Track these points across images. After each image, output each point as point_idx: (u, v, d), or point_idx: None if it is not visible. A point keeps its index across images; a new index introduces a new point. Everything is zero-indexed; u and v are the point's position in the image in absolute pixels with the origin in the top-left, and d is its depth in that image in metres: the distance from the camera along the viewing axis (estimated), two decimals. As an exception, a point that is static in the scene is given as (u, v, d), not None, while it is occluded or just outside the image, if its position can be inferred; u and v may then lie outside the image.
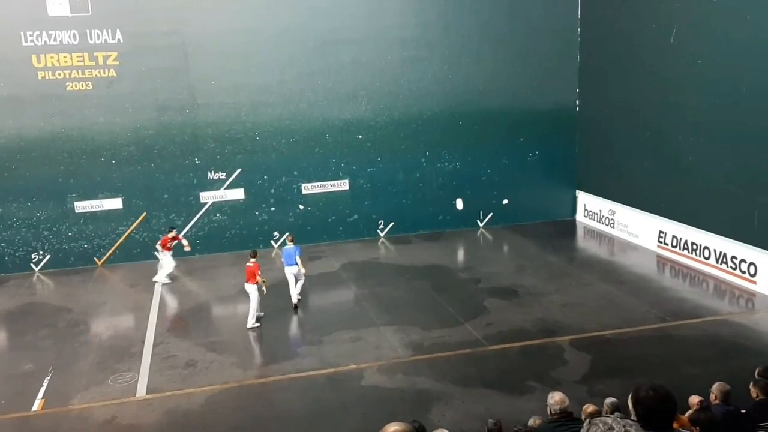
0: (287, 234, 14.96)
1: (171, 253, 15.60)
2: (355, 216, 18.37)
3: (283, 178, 17.85)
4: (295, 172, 17.91)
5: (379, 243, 18.38)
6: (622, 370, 10.47)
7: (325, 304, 14.34)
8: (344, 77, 17.72)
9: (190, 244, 16.09)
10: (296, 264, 13.51)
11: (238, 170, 17.53)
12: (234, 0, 16.80)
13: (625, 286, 14.37)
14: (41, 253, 16.72)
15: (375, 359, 11.31)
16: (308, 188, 18.06)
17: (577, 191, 19.67)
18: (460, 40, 18.25)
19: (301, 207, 18.05)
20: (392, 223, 18.74)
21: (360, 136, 18.10)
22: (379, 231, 18.72)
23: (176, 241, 15.73)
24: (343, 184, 18.22)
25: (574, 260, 16.68)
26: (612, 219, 18.27)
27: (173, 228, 16.12)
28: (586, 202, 19.40)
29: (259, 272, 12.75)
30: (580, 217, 19.69)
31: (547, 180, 19.47)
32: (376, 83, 17.92)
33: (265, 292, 12.91)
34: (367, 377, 10.74)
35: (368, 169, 18.31)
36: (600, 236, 18.39)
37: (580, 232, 19.01)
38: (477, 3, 18.13)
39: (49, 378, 11.00)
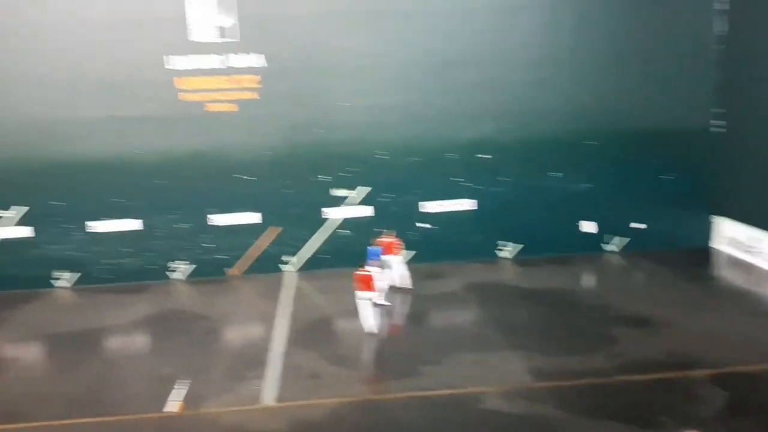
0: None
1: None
2: (478, 236, 18.27)
3: (408, 197, 18.10)
4: (418, 191, 18.11)
5: (503, 265, 18.17)
6: (762, 409, 9.74)
7: (445, 324, 14.37)
8: (469, 97, 17.76)
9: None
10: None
11: (365, 188, 17.98)
12: (364, 24, 17.32)
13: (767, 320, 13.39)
14: (183, 262, 17.88)
15: (496, 383, 11.19)
16: (431, 207, 18.20)
17: (714, 216, 18.54)
18: (588, 58, 17.80)
19: (425, 225, 18.20)
20: (517, 245, 18.49)
21: (484, 156, 18.05)
22: (502, 252, 18.52)
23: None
24: (466, 204, 18.22)
25: (710, 290, 15.71)
26: (754, 247, 17.06)
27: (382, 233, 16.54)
28: (725, 228, 18.22)
29: None
30: (717, 244, 18.51)
31: (681, 204, 18.49)
32: (501, 103, 17.82)
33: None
34: (487, 401, 10.64)
35: (492, 189, 18.20)
36: (740, 265, 17.21)
37: (717, 260, 17.88)
38: (606, 21, 17.62)
39: (184, 382, 11.71)
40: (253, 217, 17.85)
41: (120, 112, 17.07)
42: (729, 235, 18.07)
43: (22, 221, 17.32)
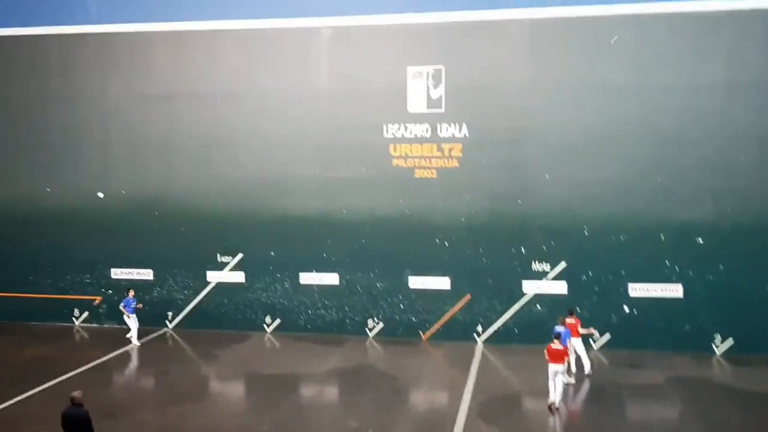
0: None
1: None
2: (687, 326, 16.78)
3: (609, 276, 17.20)
4: (623, 272, 17.14)
5: (714, 360, 16.47)
6: None
7: (644, 419, 13.23)
8: (686, 176, 16.65)
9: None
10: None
11: (563, 264, 17.42)
12: (575, 95, 17.11)
13: None
14: (376, 320, 18.43)
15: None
16: (636, 290, 17.09)
17: None
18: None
19: (626, 309, 17.13)
20: (730, 340, 16.72)
21: (700, 240, 16.71)
22: (714, 347, 16.81)
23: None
24: (676, 290, 16.86)
25: None
26: None
27: (571, 312, 15.93)
28: None
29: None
30: None
31: None
32: (721, 184, 16.47)
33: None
34: None
35: (707, 277, 16.71)
36: None
37: None
38: None
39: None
40: (446, 283, 17.99)
41: (333, 173, 18.30)
42: None
43: (237, 267, 18.98)
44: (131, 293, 18.25)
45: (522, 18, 17.23)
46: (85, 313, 19.85)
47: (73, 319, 19.89)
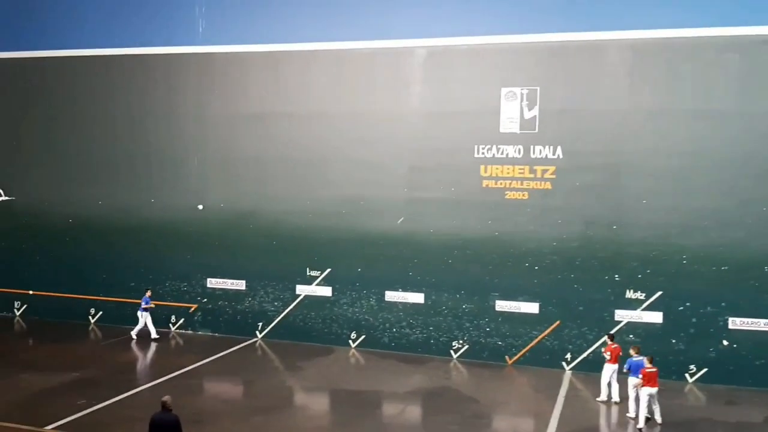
0: (634, 347, 14.59)
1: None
2: (797, 365, 15.75)
3: (708, 308, 16.36)
4: (723, 304, 16.27)
5: (824, 403, 15.35)
6: None
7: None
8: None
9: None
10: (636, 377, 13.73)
11: (659, 293, 16.71)
12: (675, 120, 16.50)
13: None
14: (461, 342, 18.25)
15: None
16: (737, 323, 16.18)
17: None
18: None
19: (726, 343, 16.22)
20: (844, 383, 15.56)
21: (810, 275, 15.68)
22: (824, 389, 15.69)
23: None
24: (781, 326, 15.89)
25: None
26: None
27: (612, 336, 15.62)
28: None
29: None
30: None
31: None
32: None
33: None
34: None
35: (817, 313, 15.65)
36: None
37: None
38: None
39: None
40: (533, 308, 17.62)
41: (423, 193, 18.36)
42: None
43: (324, 281, 19.30)
44: (148, 293, 19.81)
45: (622, 38, 16.83)
46: (181, 320, 20.70)
47: (170, 325, 20.78)
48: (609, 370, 15.03)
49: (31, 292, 21.89)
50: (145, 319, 19.64)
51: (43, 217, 21.73)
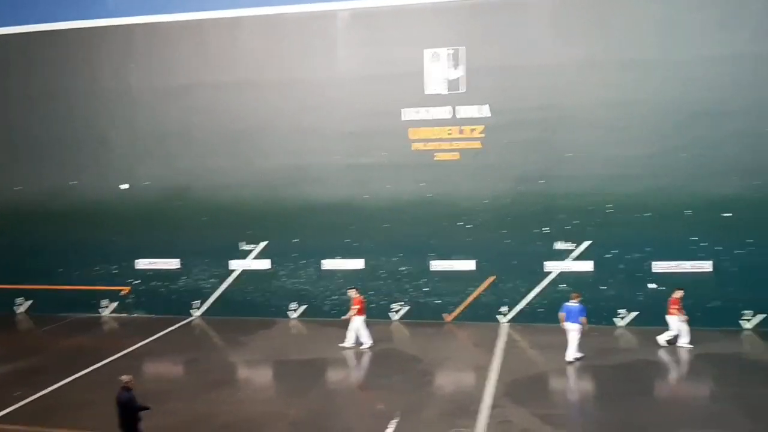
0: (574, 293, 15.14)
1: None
2: (717, 302, 16.61)
3: (635, 254, 17.07)
4: (648, 249, 17.00)
5: (743, 335, 16.31)
6: None
7: (674, 396, 13.18)
8: (716, 151, 16.42)
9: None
10: (578, 323, 14.44)
11: (587, 242, 17.30)
12: (601, 72, 16.90)
13: None
14: (401, 304, 18.47)
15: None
16: (662, 267, 16.95)
17: None
18: None
19: (653, 286, 16.99)
20: (761, 315, 16.55)
21: (728, 215, 16.48)
22: (744, 321, 16.65)
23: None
24: (704, 266, 16.69)
25: None
26: None
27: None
28: None
29: None
30: None
31: None
32: (752, 157, 16.24)
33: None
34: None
35: (735, 251, 16.51)
36: None
37: None
38: None
39: (396, 421, 11.92)
40: (470, 265, 17.97)
41: (356, 159, 18.31)
42: None
43: (262, 254, 19.11)
44: None
45: (541, -6, 17.03)
46: (114, 304, 20.16)
47: (102, 309, 20.20)
48: (358, 321, 15.98)
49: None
50: None
51: (-42, 207, 20.66)
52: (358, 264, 18.60)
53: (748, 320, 16.66)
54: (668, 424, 11.50)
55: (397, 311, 18.51)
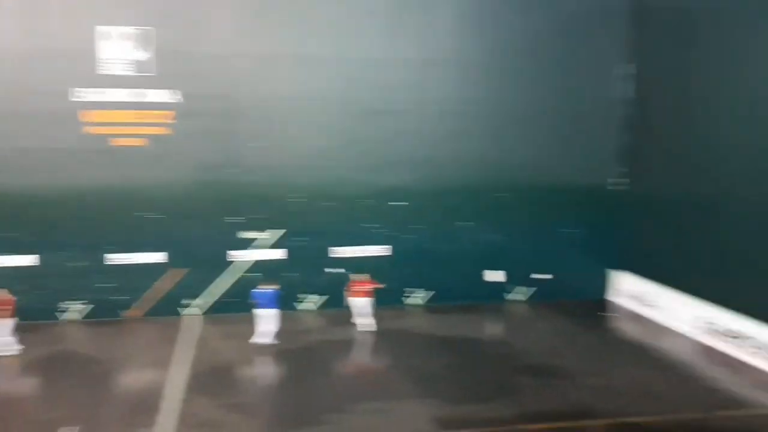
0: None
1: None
2: (390, 282, 18.14)
3: (321, 241, 17.91)
4: (332, 236, 17.97)
5: (413, 311, 18.15)
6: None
7: (350, 371, 14.15)
8: (387, 145, 17.95)
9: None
10: (270, 308, 15.08)
11: (278, 231, 17.69)
12: (285, 68, 17.34)
13: (663, 373, 13.80)
14: (76, 302, 16.93)
15: (399, 432, 10.99)
16: (342, 252, 18.06)
17: (614, 271, 19.24)
18: (500, 114, 18.43)
19: (335, 270, 18.00)
20: (428, 292, 18.62)
21: (399, 203, 18.17)
22: (413, 299, 18.56)
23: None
24: (381, 250, 18.20)
25: (609, 342, 16.13)
26: (650, 301, 17.73)
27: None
28: (623, 282, 18.91)
29: None
30: (616, 297, 19.16)
31: (582, 258, 19.13)
32: (418, 152, 18.10)
33: None
34: (389, 450, 10.41)
35: (405, 236, 18.30)
36: (637, 318, 17.80)
37: (615, 312, 18.44)
38: (515, 79, 18.36)
39: (70, 429, 10.90)
40: (157, 257, 17.18)
41: (25, 143, 16.28)
42: (627, 288, 18.74)
43: None
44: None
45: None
46: None
47: None
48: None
49: None
50: None
51: None
52: (27, 261, 16.56)
53: (421, 297, 18.59)
54: (348, 398, 12.29)
55: (72, 310, 16.91)
